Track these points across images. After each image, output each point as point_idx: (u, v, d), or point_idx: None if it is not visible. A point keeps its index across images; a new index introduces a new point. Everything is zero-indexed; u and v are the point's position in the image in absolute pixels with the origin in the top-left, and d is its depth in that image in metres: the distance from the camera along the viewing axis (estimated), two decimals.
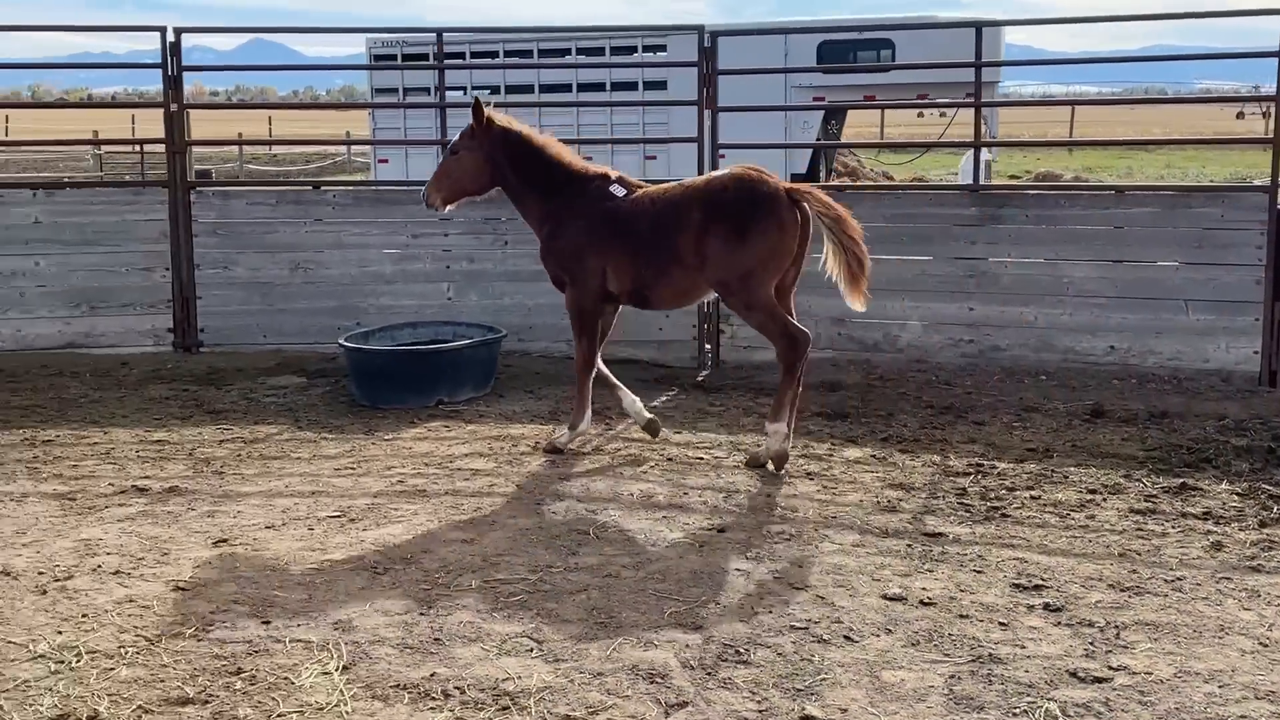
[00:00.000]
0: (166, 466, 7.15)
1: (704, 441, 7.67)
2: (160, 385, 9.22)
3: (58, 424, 8.16)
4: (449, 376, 8.69)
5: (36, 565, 5.42)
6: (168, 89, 10.04)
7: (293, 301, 10.20)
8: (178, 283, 10.15)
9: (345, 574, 5.33)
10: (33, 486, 6.74)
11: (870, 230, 9.58)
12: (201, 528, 5.98)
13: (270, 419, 8.27)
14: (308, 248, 10.18)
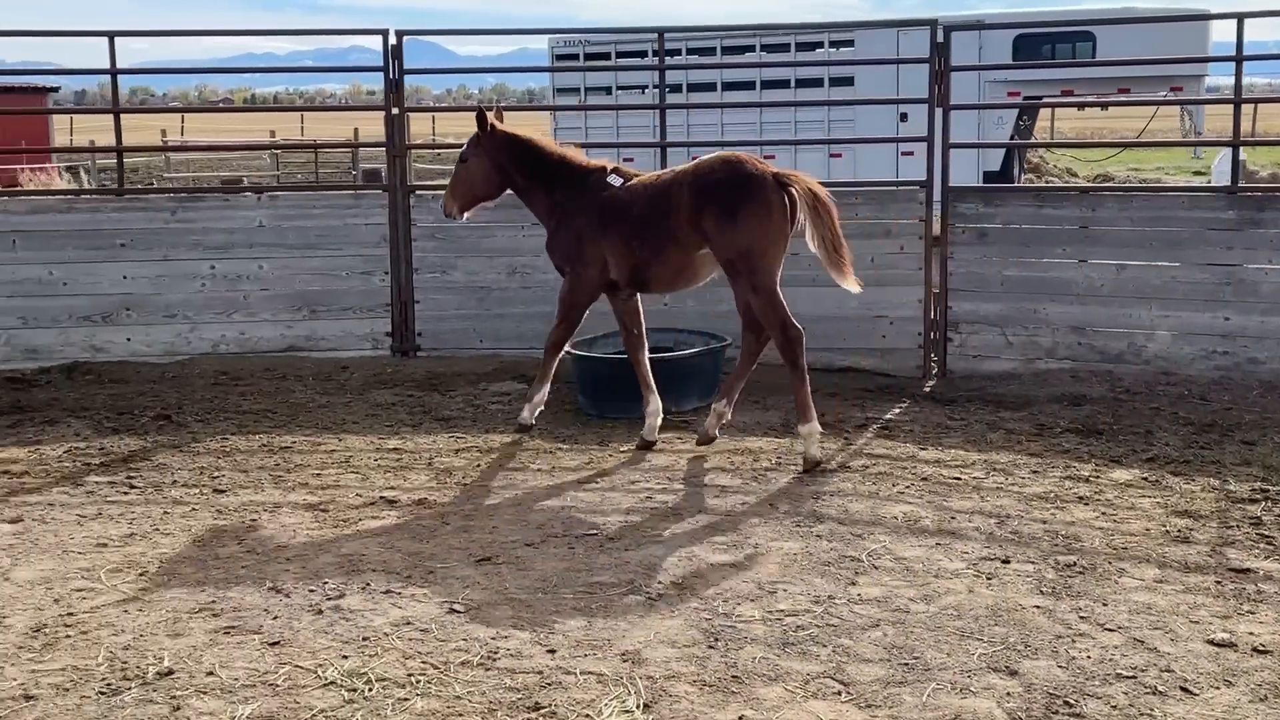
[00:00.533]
0: (409, 476, 7.06)
1: (955, 459, 7.30)
2: (384, 390, 9.20)
3: (291, 429, 8.17)
4: (675, 386, 8.47)
5: (305, 583, 5.32)
6: (389, 92, 10.02)
7: (509, 306, 10.10)
8: (396, 286, 10.13)
9: (618, 599, 5.12)
10: (281, 496, 6.70)
11: (1115, 235, 9.14)
12: (460, 543, 5.84)
13: (500, 427, 8.16)
14: (525, 252, 10.06)
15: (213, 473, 7.17)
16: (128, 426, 8.25)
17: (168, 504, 6.55)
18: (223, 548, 5.82)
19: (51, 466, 7.34)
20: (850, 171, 20.79)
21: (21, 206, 10.15)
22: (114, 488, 6.89)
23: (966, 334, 9.59)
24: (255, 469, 7.26)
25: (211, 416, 8.50)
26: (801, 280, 9.74)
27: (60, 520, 6.27)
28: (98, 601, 5.13)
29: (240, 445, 7.78)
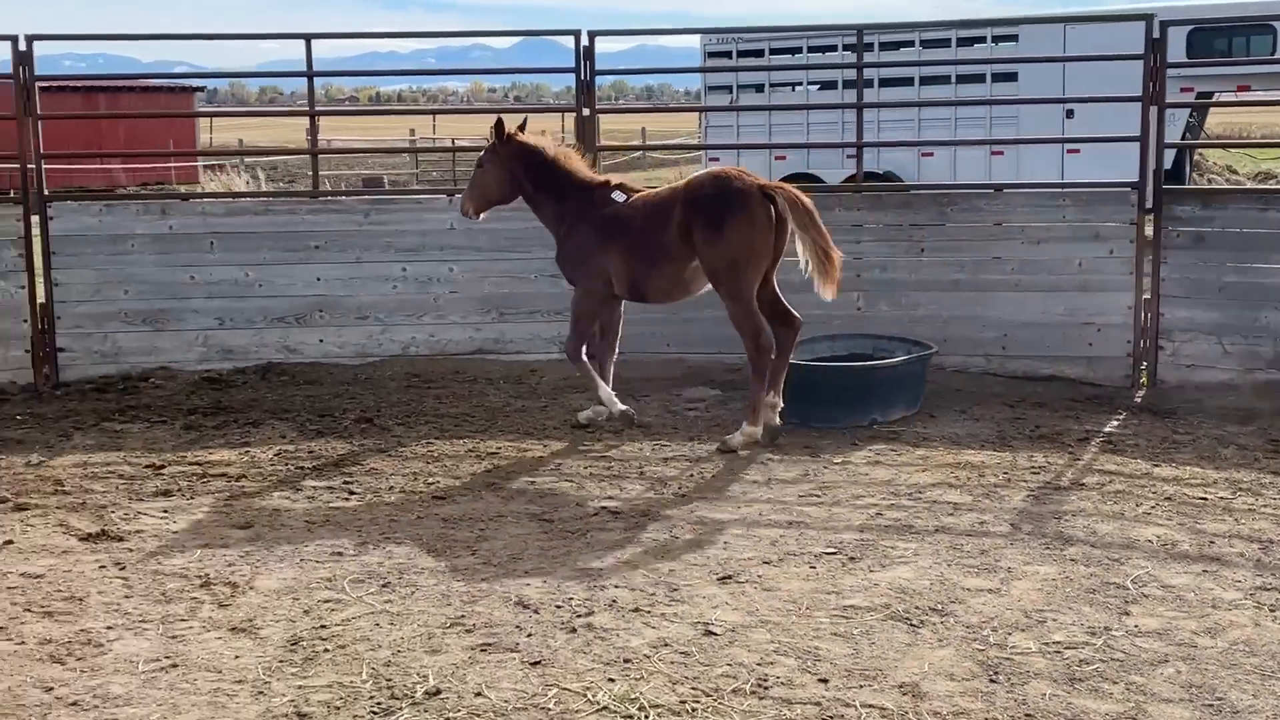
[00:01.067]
0: (624, 486, 6.94)
1: (1194, 478, 6.95)
2: (577, 395, 9.10)
3: (494, 434, 8.11)
4: (883, 395, 8.24)
5: (551, 598, 5.21)
6: (580, 93, 9.93)
7: (698, 310, 9.88)
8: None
9: (878, 624, 4.91)
10: (502, 505, 6.62)
11: None
12: (698, 560, 5.69)
13: (702, 435, 8.00)
14: None
15: (426, 479, 7.13)
16: (331, 429, 8.27)
17: (391, 511, 6.52)
18: (457, 558, 5.75)
19: (265, 470, 7.37)
20: (1013, 171, 20.28)
21: (219, 208, 10.29)
22: (333, 493, 6.88)
23: (1180, 342, 9.17)
24: (468, 475, 7.21)
25: (412, 420, 8.49)
26: (1004, 285, 9.46)
27: (290, 527, 6.27)
28: (347, 614, 5.08)
29: (446, 450, 7.75)
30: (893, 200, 9.73)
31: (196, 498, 6.82)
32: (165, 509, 6.59)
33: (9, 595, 5.30)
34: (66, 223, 9.80)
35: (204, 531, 6.19)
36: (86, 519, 6.41)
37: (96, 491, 6.95)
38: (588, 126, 9.98)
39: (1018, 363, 9.42)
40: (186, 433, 8.30)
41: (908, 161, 21.81)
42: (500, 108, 43.78)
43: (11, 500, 6.73)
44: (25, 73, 9.60)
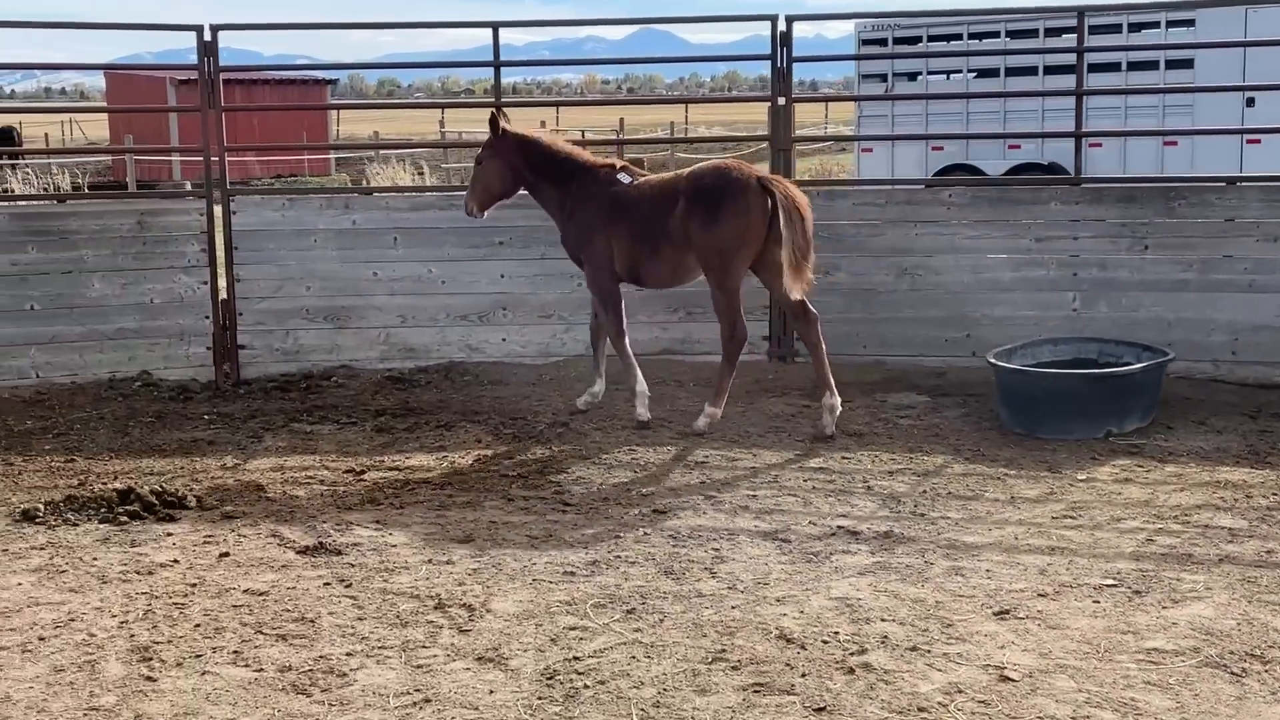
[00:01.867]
0: (854, 502, 6.47)
1: None
2: (773, 399, 8.67)
3: (695, 440, 7.70)
4: (1120, 404, 7.65)
5: (814, 631, 4.77)
6: (776, 81, 9.47)
7: (897, 310, 9.42)
8: None
9: (1193, 671, 4.38)
10: (728, 520, 6.20)
11: None
12: (963, 590, 5.20)
13: (922, 445, 7.50)
14: (917, 251, 9.36)
15: (639, 489, 6.74)
16: (526, 433, 7.94)
17: (613, 525, 6.14)
18: (699, 581, 5.34)
19: (469, 477, 7.05)
20: (1187, 163, 19.32)
21: (403, 203, 10.03)
22: (546, 504, 6.52)
23: None
24: (681, 486, 6.80)
25: (607, 424, 8.13)
26: (1236, 285, 8.79)
27: (511, 541, 5.92)
28: (597, 644, 4.70)
29: (651, 458, 7.36)
30: (1114, 194, 9.10)
31: (406, 508, 6.51)
32: (377, 520, 6.29)
33: (237, 615, 5.02)
34: (249, 217, 9.63)
35: (424, 546, 5.86)
36: (299, 530, 6.13)
37: (301, 499, 6.68)
38: (784, 115, 9.51)
39: (1249, 369, 8.74)
40: (379, 435, 8.04)
41: (1073, 152, 20.92)
42: (693, 97, 42.95)
43: (218, 507, 6.49)
44: (210, 64, 9.43)
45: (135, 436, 8.08)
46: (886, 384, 8.98)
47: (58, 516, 6.28)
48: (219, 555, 5.75)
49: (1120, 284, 9.01)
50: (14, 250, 9.18)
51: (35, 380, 9.18)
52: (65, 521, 6.24)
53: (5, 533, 6.09)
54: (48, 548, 5.86)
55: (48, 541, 5.94)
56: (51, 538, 6.00)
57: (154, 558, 5.72)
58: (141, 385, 9.27)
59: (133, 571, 5.53)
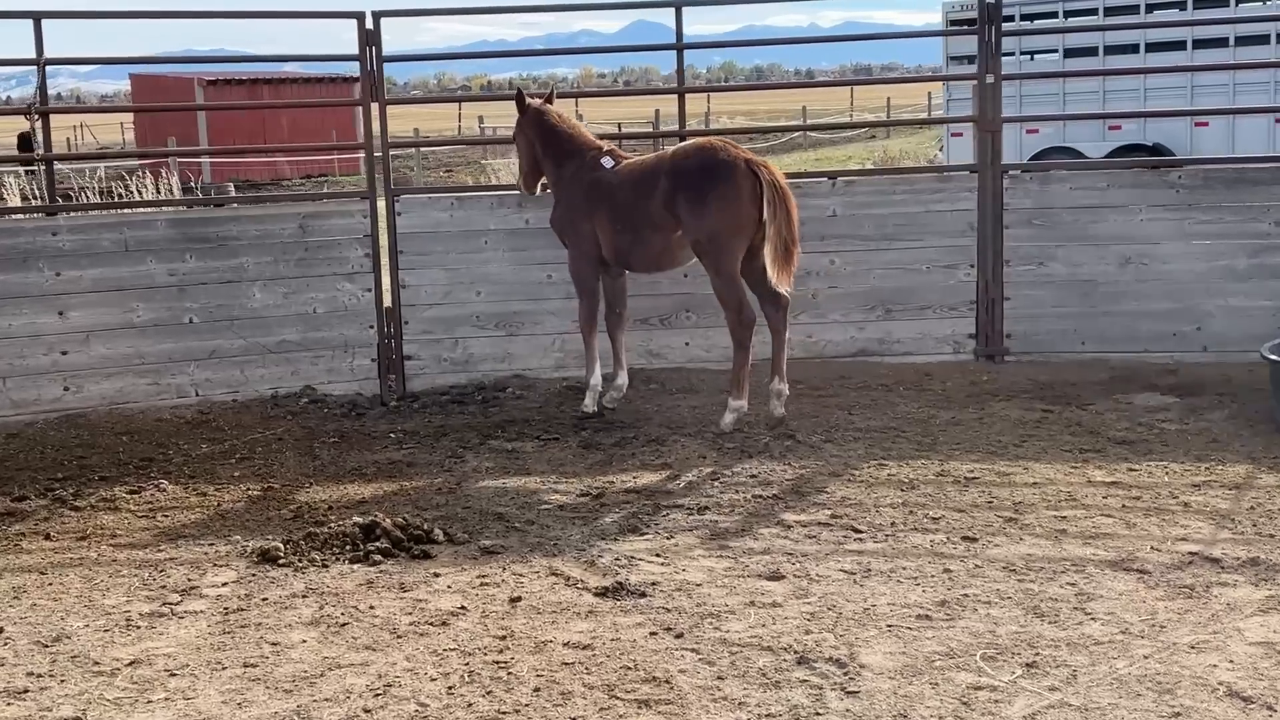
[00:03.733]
0: (1181, 522, 5.78)
1: None
2: (1001, 403, 7.98)
3: (944, 451, 7.02)
4: None
5: (1259, 684, 4.08)
6: (986, 58, 8.77)
7: (1119, 303, 8.72)
8: (983, 282, 8.88)
9: None
10: (1054, 547, 5.51)
11: None
12: None
13: (1209, 454, 6.82)
14: (1140, 239, 8.65)
15: (923, 512, 6.05)
16: (751, 447, 7.26)
17: (928, 555, 5.45)
18: (1081, 625, 4.65)
19: (719, 499, 6.37)
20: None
21: None
22: (832, 531, 5.85)
23: None
24: (968, 506, 6.11)
25: (835, 435, 7.45)
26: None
27: (827, 578, 5.23)
28: (1020, 708, 4.02)
29: (910, 474, 6.67)
30: None
31: (676, 535, 5.84)
32: (655, 552, 5.61)
33: (574, 675, 4.35)
34: (415, 219, 8.97)
35: (732, 584, 5.19)
36: (577, 566, 5.46)
37: (551, 526, 6.02)
38: (991, 95, 8.79)
39: None
40: (588, 452, 7.37)
41: (1179, 133, 20.17)
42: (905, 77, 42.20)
43: (470, 541, 5.82)
44: (372, 54, 8.76)
45: (326, 460, 7.43)
46: (1119, 383, 8.28)
47: (301, 557, 5.61)
48: (509, 600, 5.07)
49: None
50: (172, 259, 8.52)
51: (196, 399, 8.52)
52: (313, 563, 5.57)
53: (252, 577, 5.42)
54: (310, 595, 5.19)
55: (307, 588, 5.27)
56: (309, 583, 5.33)
57: (437, 604, 5.05)
58: (309, 402, 8.62)
59: (424, 623, 4.85)
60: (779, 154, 37.50)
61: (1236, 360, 8.44)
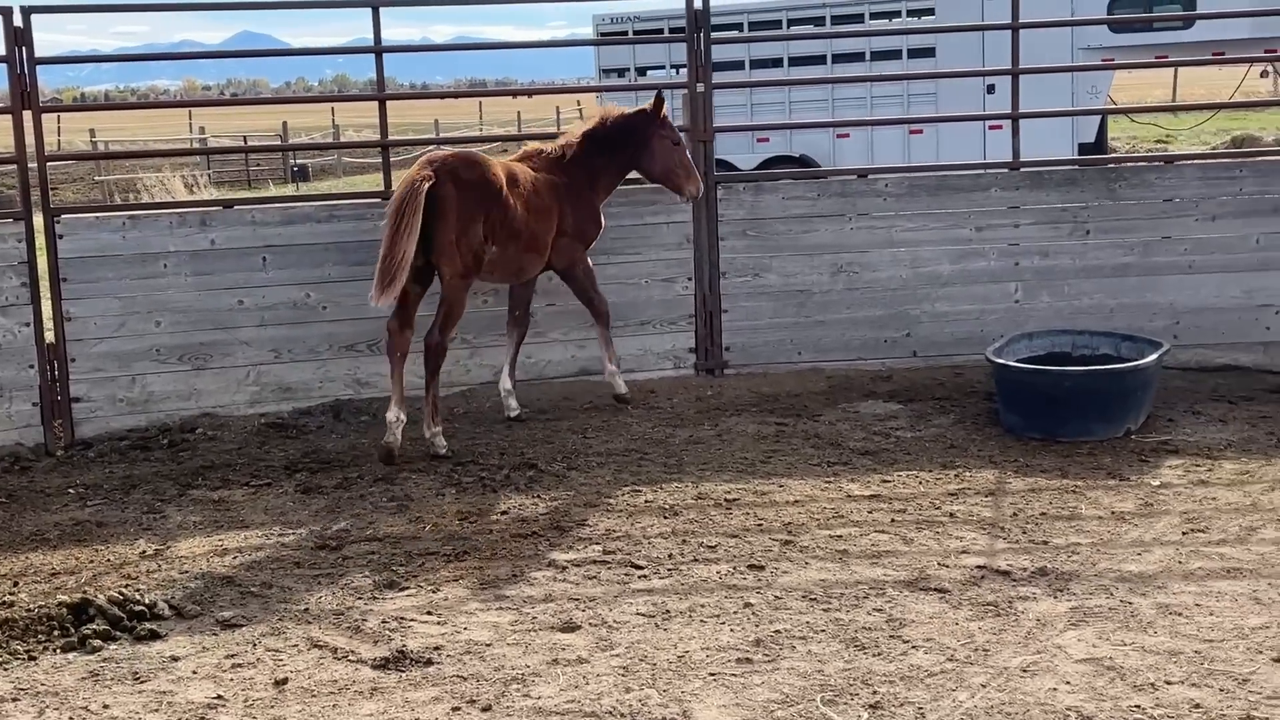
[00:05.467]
0: (955, 533, 5.70)
1: None
2: (736, 418, 7.79)
3: (693, 473, 6.76)
4: (1137, 400, 7.22)
5: (1103, 705, 3.97)
6: (696, 68, 8.57)
7: (832, 311, 8.73)
8: (701, 294, 8.70)
9: None
10: (841, 569, 5.30)
11: None
12: (1201, 631, 4.53)
13: (954, 461, 6.83)
14: (851, 247, 8.70)
15: (698, 539, 5.73)
16: (495, 479, 6.78)
17: (719, 590, 5.11)
18: (905, 656, 4.42)
19: (476, 541, 5.82)
20: (932, 151, 19.69)
21: (274, 216, 8.45)
22: (605, 568, 5.42)
23: None
24: (741, 531, 5.84)
25: (575, 460, 7.05)
26: (1176, 267, 8.60)
27: (626, 624, 4.79)
28: None
29: (664, 499, 6.34)
30: (1055, 178, 8.72)
31: (443, 587, 5.26)
32: (425, 610, 5.02)
33: None
34: (80, 241, 7.91)
35: (521, 640, 4.66)
36: (339, 633, 4.80)
37: (294, 589, 5.32)
38: (702, 105, 8.62)
39: (1190, 352, 8.55)
40: (309, 497, 6.65)
41: (822, 144, 21.01)
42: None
43: (202, 613, 5.02)
44: (22, 56, 7.64)
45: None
46: (839, 392, 8.26)
47: (2, 649, 4.67)
48: (274, 683, 4.36)
49: (1062, 271, 8.65)
50: None
51: None
52: (15, 655, 4.63)
53: None
54: (23, 698, 4.29)
55: (16, 689, 4.36)
56: (18, 682, 4.41)
57: (187, 696, 4.27)
58: None
59: None
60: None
61: (944, 364, 8.64)
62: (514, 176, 7.44)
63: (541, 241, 7.59)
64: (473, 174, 7.12)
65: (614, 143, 7.81)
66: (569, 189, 7.73)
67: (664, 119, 7.83)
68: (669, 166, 7.86)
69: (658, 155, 7.84)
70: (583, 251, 7.90)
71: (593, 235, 7.95)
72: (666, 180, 7.94)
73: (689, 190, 7.94)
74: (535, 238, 7.52)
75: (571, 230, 7.75)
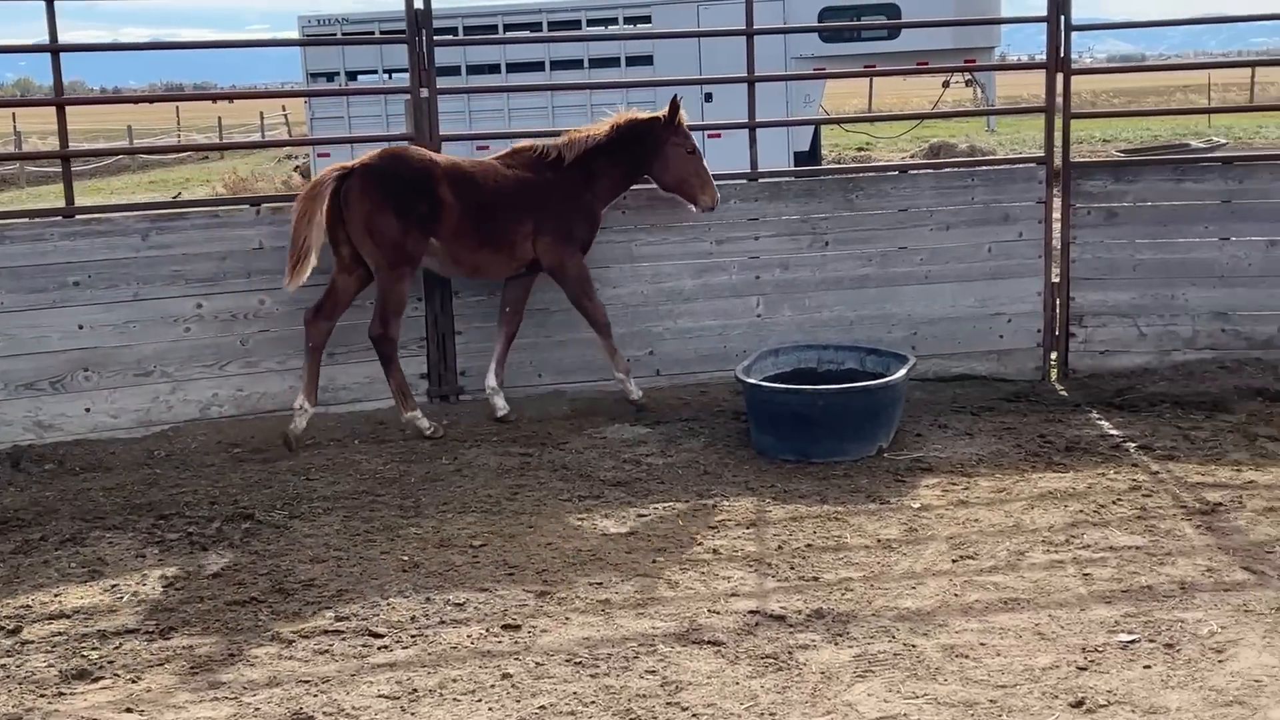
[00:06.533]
0: (725, 574, 5.31)
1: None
2: (478, 450, 7.23)
3: (413, 518, 6.14)
4: (888, 417, 7.04)
5: None
6: (419, 72, 7.93)
7: (573, 330, 8.24)
8: (432, 315, 8.09)
9: None
10: (607, 626, 4.81)
11: (1266, 208, 8.39)
12: (1000, 677, 4.25)
13: (711, 488, 6.46)
14: (591, 263, 8.22)
15: (443, 596, 5.15)
16: (205, 538, 5.98)
17: (470, 660, 4.54)
18: None
19: (185, 613, 5.07)
20: None
21: None
22: (339, 638, 4.77)
23: (1092, 327, 8.60)
24: (492, 583, 5.29)
25: (299, 507, 6.34)
26: (912, 277, 8.54)
27: (367, 709, 4.16)
28: None
29: (403, 549, 5.72)
30: (794, 189, 8.48)
31: (145, 674, 4.51)
32: (121, 704, 4.27)
33: None
34: None
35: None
36: None
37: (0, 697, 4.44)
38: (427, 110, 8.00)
39: (928, 363, 8.48)
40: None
41: None
42: None
43: None
44: None
45: None
46: (584, 417, 7.81)
47: None
48: None
49: (803, 284, 8.44)
50: None
51: None
52: None
53: None
54: None
55: None
56: None
57: None
58: None
59: None
60: (105, 177, 34.55)
61: (689, 382, 8.31)
62: (462, 173, 7.33)
63: (505, 240, 7.40)
64: (392, 167, 7.16)
65: (620, 147, 7.58)
66: (556, 189, 7.49)
67: (679, 126, 7.61)
68: (683, 176, 7.64)
69: (671, 164, 7.63)
70: (574, 254, 7.59)
71: (585, 238, 7.66)
72: (680, 190, 7.70)
73: (704, 201, 7.70)
74: (494, 235, 7.35)
75: (555, 231, 7.47)
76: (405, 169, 7.19)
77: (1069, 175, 8.57)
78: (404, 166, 7.20)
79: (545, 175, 7.53)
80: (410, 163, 7.23)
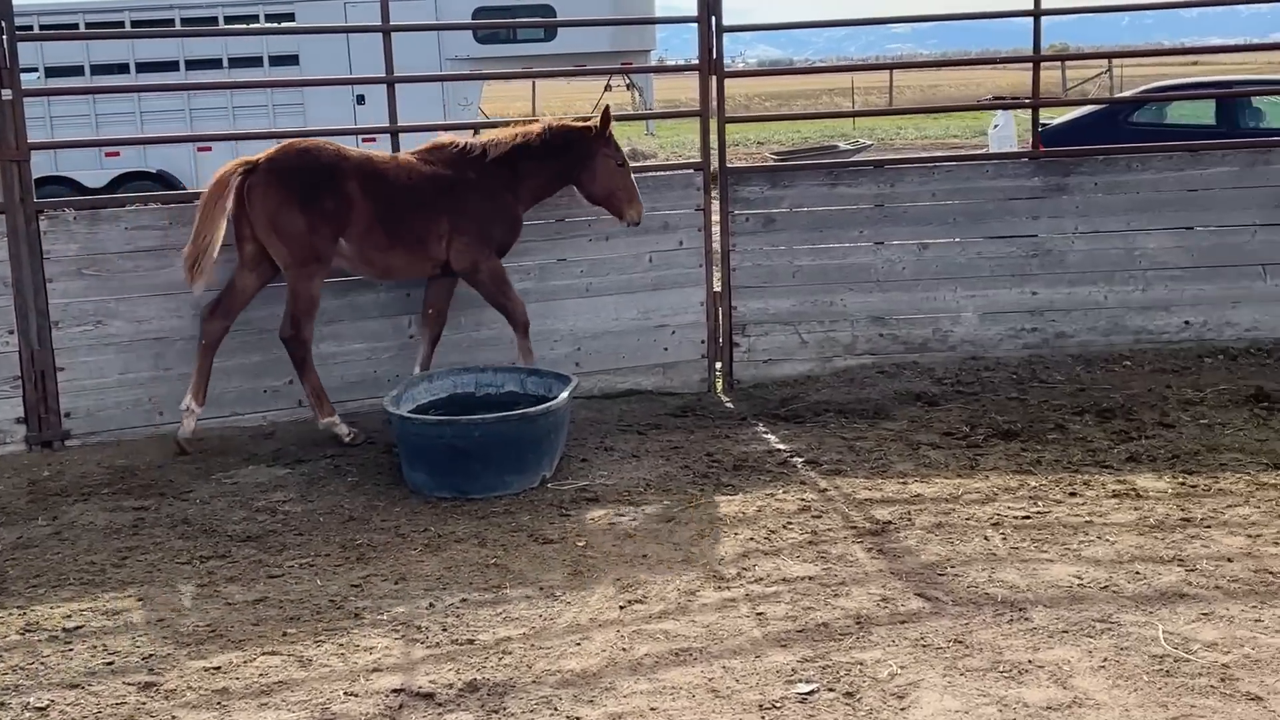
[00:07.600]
0: (363, 643, 4.65)
1: (974, 493, 6.15)
2: (84, 505, 6.30)
3: (19, 596, 5.23)
4: (551, 444, 6.54)
5: None
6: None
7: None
8: (29, 350, 7.04)
9: None
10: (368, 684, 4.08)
11: (916, 212, 8.41)
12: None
13: (356, 537, 5.79)
14: (180, 286, 7.34)
15: (18, 697, 4.28)
16: None
17: None
18: None
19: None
20: None
21: None
22: None
23: (755, 336, 8.41)
24: (83, 677, 4.44)
25: None
26: (574, 290, 8.14)
27: None
28: None
29: (25, 629, 4.80)
30: None
31: None
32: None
33: None
34: None
35: None
36: None
37: None
38: None
39: (593, 380, 8.10)
40: None
41: (182, 159, 19.21)
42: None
43: None
44: None
45: None
46: (214, 458, 6.99)
47: None
48: None
49: (459, 301, 7.82)
50: None
51: None
52: None
53: None
54: None
55: None
56: None
57: None
58: None
59: None
60: None
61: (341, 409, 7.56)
62: (373, 169, 7.01)
63: (418, 240, 7.06)
64: (298, 161, 6.86)
65: (547, 151, 7.30)
66: (477, 189, 7.18)
67: (610, 137, 7.38)
68: (612, 189, 7.41)
69: (600, 175, 7.39)
70: (489, 256, 7.26)
71: (504, 240, 7.36)
72: (607, 203, 7.47)
73: (630, 215, 7.47)
74: (407, 235, 7.02)
75: (471, 232, 7.14)
76: (311, 163, 6.87)
77: (726, 181, 8.34)
78: (310, 160, 6.88)
79: (465, 173, 7.21)
80: (317, 157, 6.91)
